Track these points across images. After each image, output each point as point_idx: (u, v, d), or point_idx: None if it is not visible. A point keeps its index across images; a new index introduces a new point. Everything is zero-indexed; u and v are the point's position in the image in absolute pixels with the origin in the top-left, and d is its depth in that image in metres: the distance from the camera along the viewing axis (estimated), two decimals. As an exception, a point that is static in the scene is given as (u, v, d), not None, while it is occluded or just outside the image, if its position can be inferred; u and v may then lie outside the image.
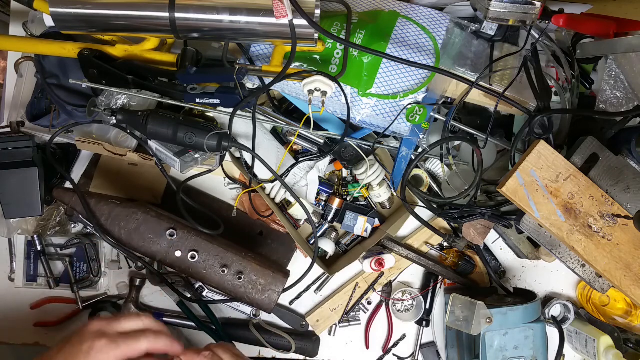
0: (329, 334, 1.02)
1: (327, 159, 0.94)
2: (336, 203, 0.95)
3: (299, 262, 1.00)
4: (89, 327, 0.61)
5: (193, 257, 0.81)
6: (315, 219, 0.96)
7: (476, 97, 0.87)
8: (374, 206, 0.98)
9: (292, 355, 1.00)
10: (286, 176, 0.91)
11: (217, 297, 0.96)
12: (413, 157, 0.89)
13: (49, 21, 0.80)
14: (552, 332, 0.94)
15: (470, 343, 0.92)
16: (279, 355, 1.00)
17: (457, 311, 0.89)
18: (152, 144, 0.85)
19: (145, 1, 0.73)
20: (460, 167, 0.93)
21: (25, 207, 0.84)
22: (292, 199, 0.94)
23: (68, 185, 0.93)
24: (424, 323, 1.01)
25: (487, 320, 0.84)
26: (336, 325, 1.02)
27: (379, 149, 0.92)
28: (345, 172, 0.98)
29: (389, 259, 0.96)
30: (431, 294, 1.00)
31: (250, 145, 0.85)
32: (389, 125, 0.84)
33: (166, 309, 0.99)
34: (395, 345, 1.03)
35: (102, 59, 0.80)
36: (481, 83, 0.83)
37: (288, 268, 0.96)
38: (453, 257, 1.00)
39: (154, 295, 0.99)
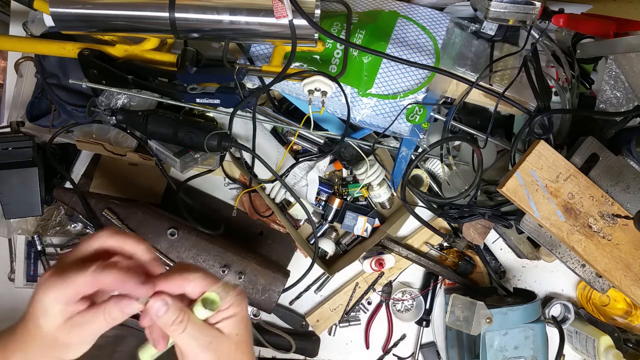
0: (329, 334, 1.02)
1: (327, 159, 0.94)
2: (336, 203, 0.95)
3: (299, 262, 1.00)
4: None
5: (194, 257, 0.81)
6: (315, 219, 0.96)
7: (476, 97, 0.87)
8: (374, 206, 0.98)
9: (292, 355, 1.00)
10: (286, 176, 0.91)
11: (217, 297, 0.96)
12: (413, 157, 0.89)
13: (49, 21, 0.80)
14: (552, 332, 0.94)
15: (470, 343, 0.92)
16: (279, 355, 1.00)
17: (457, 311, 0.89)
18: (152, 144, 0.85)
19: (145, 1, 0.73)
20: (460, 167, 0.93)
21: (25, 207, 0.84)
22: (292, 199, 0.94)
23: (68, 185, 0.93)
24: (424, 323, 1.01)
25: (487, 320, 0.84)
26: (336, 325, 1.02)
27: (379, 149, 0.92)
28: (345, 172, 0.98)
29: (389, 259, 0.96)
30: (431, 294, 1.00)
31: (250, 145, 0.85)
32: (389, 125, 0.84)
33: (166, 309, 0.99)
34: (395, 345, 1.03)
35: (102, 59, 0.80)
36: (481, 83, 0.83)
37: (288, 268, 0.96)
38: (453, 257, 1.00)
39: (154, 295, 0.99)
